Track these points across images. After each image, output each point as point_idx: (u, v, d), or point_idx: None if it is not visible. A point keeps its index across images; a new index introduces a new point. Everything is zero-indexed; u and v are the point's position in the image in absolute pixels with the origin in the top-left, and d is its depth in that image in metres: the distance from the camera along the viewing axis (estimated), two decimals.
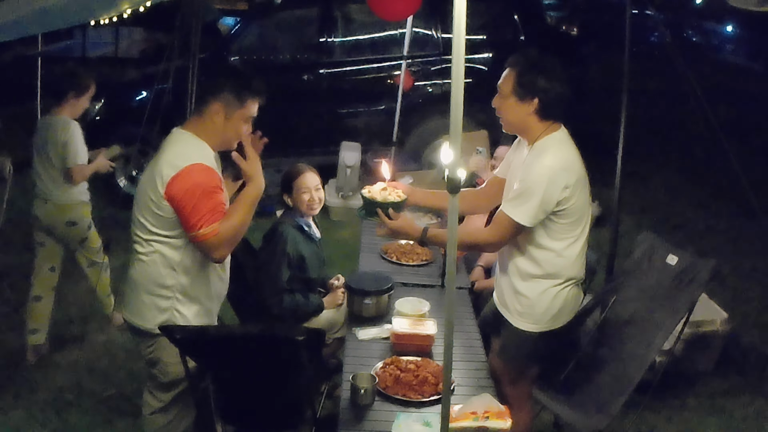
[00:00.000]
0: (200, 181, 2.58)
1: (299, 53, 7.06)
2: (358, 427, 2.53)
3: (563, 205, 2.66)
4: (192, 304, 2.76)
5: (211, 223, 2.57)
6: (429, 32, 6.67)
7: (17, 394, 3.80)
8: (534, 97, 2.67)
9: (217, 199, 2.61)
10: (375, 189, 2.87)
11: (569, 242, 2.76)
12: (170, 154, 2.65)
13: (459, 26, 1.78)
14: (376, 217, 2.80)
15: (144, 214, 2.67)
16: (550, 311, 2.81)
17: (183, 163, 2.60)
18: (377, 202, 2.80)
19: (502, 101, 2.73)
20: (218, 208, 2.61)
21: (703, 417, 3.72)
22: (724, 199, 6.31)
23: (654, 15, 4.20)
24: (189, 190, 2.57)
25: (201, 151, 2.68)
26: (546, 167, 2.63)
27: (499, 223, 2.72)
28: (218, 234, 2.59)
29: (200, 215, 2.56)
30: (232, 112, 2.69)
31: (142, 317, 2.76)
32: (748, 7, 3.90)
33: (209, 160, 2.68)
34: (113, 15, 4.03)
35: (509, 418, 2.44)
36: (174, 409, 2.90)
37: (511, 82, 2.69)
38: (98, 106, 6.77)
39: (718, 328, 3.95)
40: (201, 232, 2.57)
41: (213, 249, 2.62)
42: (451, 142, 1.91)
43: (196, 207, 2.56)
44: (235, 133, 2.73)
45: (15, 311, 4.61)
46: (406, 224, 2.79)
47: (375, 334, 3.09)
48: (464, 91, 1.85)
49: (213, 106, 2.68)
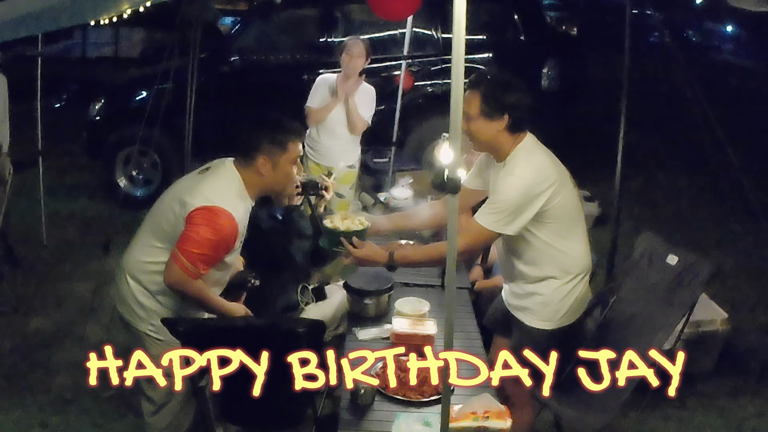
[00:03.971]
0: (219, 227, 2.62)
1: (299, 53, 7.06)
2: (358, 427, 2.53)
3: (547, 207, 2.68)
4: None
5: (197, 263, 2.60)
6: (429, 32, 6.66)
7: (17, 394, 3.80)
8: (504, 114, 2.68)
9: (219, 253, 2.67)
10: (336, 218, 2.90)
11: (570, 238, 2.79)
12: (210, 187, 2.70)
13: (459, 26, 1.78)
14: (341, 247, 2.82)
15: (162, 225, 2.74)
16: (564, 307, 2.83)
17: (219, 203, 2.64)
18: (340, 231, 2.82)
19: (470, 124, 2.71)
20: (212, 261, 2.66)
21: (703, 417, 3.72)
22: (725, 199, 6.31)
23: (654, 15, 4.20)
24: (206, 228, 2.61)
25: (239, 201, 2.73)
26: (518, 178, 2.66)
27: (473, 231, 2.72)
28: (191, 283, 2.63)
29: (197, 249, 2.60)
30: (278, 160, 2.76)
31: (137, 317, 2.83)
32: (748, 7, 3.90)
33: (239, 214, 2.71)
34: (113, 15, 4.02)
35: (509, 418, 2.44)
36: (171, 410, 2.91)
37: (477, 104, 2.69)
38: (98, 106, 6.78)
39: (718, 328, 3.95)
40: (183, 260, 2.59)
41: (173, 276, 2.62)
42: (451, 142, 1.91)
43: (202, 242, 2.60)
44: (286, 176, 2.83)
45: (15, 311, 4.61)
46: (371, 251, 2.81)
47: (375, 334, 3.09)
48: (464, 91, 1.85)
49: (259, 161, 2.74)
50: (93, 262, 5.12)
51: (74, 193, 6.61)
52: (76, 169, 7.11)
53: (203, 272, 2.66)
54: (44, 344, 4.27)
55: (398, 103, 5.67)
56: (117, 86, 7.33)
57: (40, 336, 4.37)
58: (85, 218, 6.03)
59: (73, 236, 5.78)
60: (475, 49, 6.45)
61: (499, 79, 2.74)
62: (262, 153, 2.73)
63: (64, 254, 5.44)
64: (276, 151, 2.75)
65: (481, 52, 6.59)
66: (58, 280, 5.06)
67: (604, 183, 3.97)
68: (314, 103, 4.65)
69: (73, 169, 7.12)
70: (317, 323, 2.79)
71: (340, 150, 4.71)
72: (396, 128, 5.79)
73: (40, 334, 4.39)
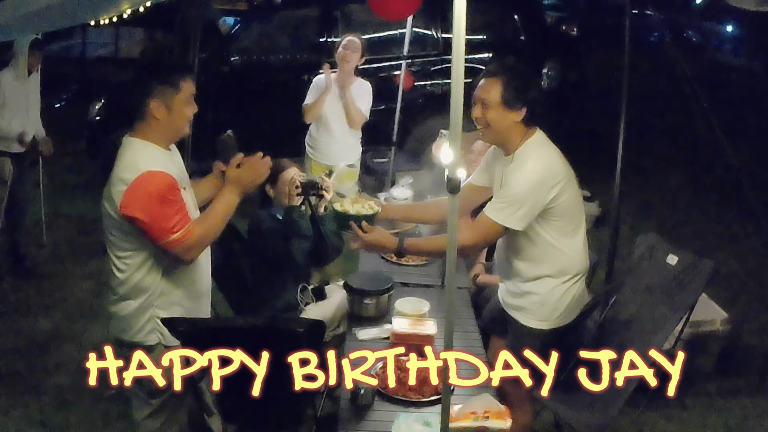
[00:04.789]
0: (153, 189, 2.50)
1: (299, 53, 7.06)
2: (358, 427, 2.53)
3: (554, 203, 2.69)
4: (165, 309, 2.70)
5: (183, 225, 2.53)
6: (429, 32, 6.66)
7: (17, 394, 3.80)
8: (523, 106, 2.69)
9: (177, 199, 2.56)
10: (346, 202, 2.87)
11: (570, 238, 2.79)
12: (119, 168, 2.58)
13: (459, 26, 1.78)
14: (349, 231, 2.80)
15: (112, 231, 2.63)
16: (560, 308, 2.83)
17: (131, 175, 2.52)
18: (350, 215, 2.80)
19: (488, 111, 2.71)
20: (183, 209, 2.56)
21: (703, 417, 3.72)
22: (724, 199, 6.31)
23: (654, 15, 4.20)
24: (146, 203, 2.49)
25: (149, 156, 2.60)
26: (530, 171, 2.66)
27: (482, 226, 2.72)
28: (192, 234, 2.54)
29: (168, 222, 2.51)
30: (171, 101, 2.61)
31: (125, 330, 2.72)
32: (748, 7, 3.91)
33: (159, 162, 2.59)
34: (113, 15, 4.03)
35: (509, 418, 2.44)
36: (164, 412, 2.88)
37: (498, 92, 2.68)
38: (98, 106, 6.78)
39: (718, 328, 3.95)
40: (174, 237, 2.51)
41: (185, 252, 2.56)
42: (451, 142, 1.91)
43: (160, 216, 2.50)
44: (183, 117, 2.67)
45: (15, 311, 4.61)
46: (381, 236, 2.78)
47: (375, 334, 3.09)
48: (464, 91, 1.85)
49: (151, 105, 2.60)
50: (93, 262, 5.12)
51: (74, 193, 6.61)
52: (76, 169, 7.11)
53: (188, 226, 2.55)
54: (44, 344, 4.27)
55: (398, 103, 5.67)
56: (117, 86, 7.33)
57: (40, 336, 4.37)
58: (85, 218, 6.02)
59: (73, 236, 5.78)
60: (475, 49, 6.45)
61: (523, 71, 2.74)
62: (154, 97, 2.59)
63: (64, 254, 5.44)
64: (168, 92, 2.61)
65: (481, 52, 6.60)
66: (58, 280, 5.07)
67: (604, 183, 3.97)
68: (310, 100, 4.74)
69: (73, 169, 7.12)
70: (317, 323, 2.79)
71: (340, 148, 4.77)
72: (396, 128, 5.79)
73: (40, 334, 4.39)
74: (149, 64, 2.71)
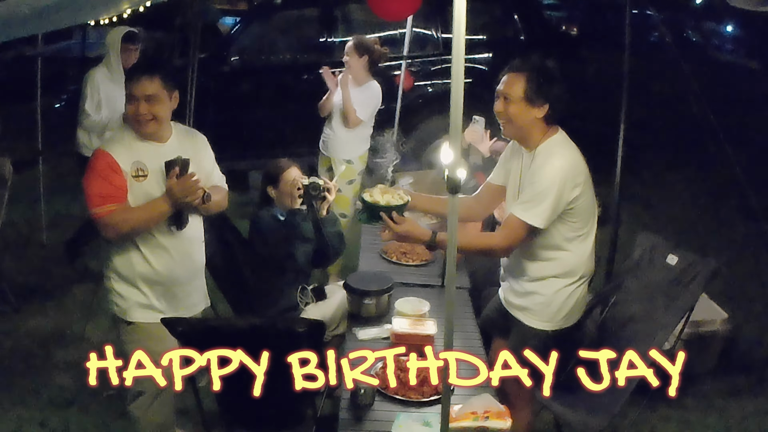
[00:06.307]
0: (93, 163, 2.79)
1: (299, 53, 7.06)
2: (358, 427, 2.53)
3: (574, 204, 2.69)
4: (123, 283, 2.92)
5: (107, 203, 2.75)
6: (429, 32, 6.66)
7: (17, 393, 3.80)
8: (545, 103, 2.69)
9: (112, 180, 2.77)
10: (375, 192, 2.80)
11: (581, 240, 2.79)
12: None
13: (459, 26, 1.78)
14: (379, 221, 2.74)
15: None
16: (565, 309, 2.83)
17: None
18: (380, 206, 2.73)
19: (510, 106, 2.71)
20: (115, 190, 2.77)
21: (702, 417, 3.72)
22: (724, 199, 6.30)
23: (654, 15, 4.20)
24: (87, 174, 2.80)
25: (111, 138, 2.96)
26: (557, 168, 2.65)
27: (511, 226, 2.71)
28: (111, 215, 2.76)
29: (94, 195, 2.76)
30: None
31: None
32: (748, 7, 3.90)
33: (116, 144, 2.83)
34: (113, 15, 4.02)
35: (509, 418, 2.44)
36: (150, 394, 2.96)
37: (521, 87, 2.68)
38: None
39: (718, 328, 3.95)
40: (95, 211, 2.76)
41: (103, 228, 2.79)
42: (451, 142, 1.91)
43: (89, 187, 2.77)
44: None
45: (15, 311, 4.61)
46: (413, 228, 2.73)
47: (375, 334, 3.09)
48: (464, 91, 1.85)
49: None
50: (93, 262, 5.12)
51: (74, 193, 6.59)
52: (76, 169, 7.09)
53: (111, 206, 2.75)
54: (44, 344, 4.28)
55: (398, 103, 5.67)
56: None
57: (40, 336, 4.37)
58: (85, 218, 6.01)
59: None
60: (475, 49, 6.46)
61: (548, 69, 2.73)
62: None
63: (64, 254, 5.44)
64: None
65: (481, 52, 6.60)
66: (58, 280, 5.06)
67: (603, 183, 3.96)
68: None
69: (73, 169, 7.10)
70: (317, 323, 2.79)
71: (337, 141, 4.87)
72: (396, 128, 5.79)
73: (40, 334, 4.39)
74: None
